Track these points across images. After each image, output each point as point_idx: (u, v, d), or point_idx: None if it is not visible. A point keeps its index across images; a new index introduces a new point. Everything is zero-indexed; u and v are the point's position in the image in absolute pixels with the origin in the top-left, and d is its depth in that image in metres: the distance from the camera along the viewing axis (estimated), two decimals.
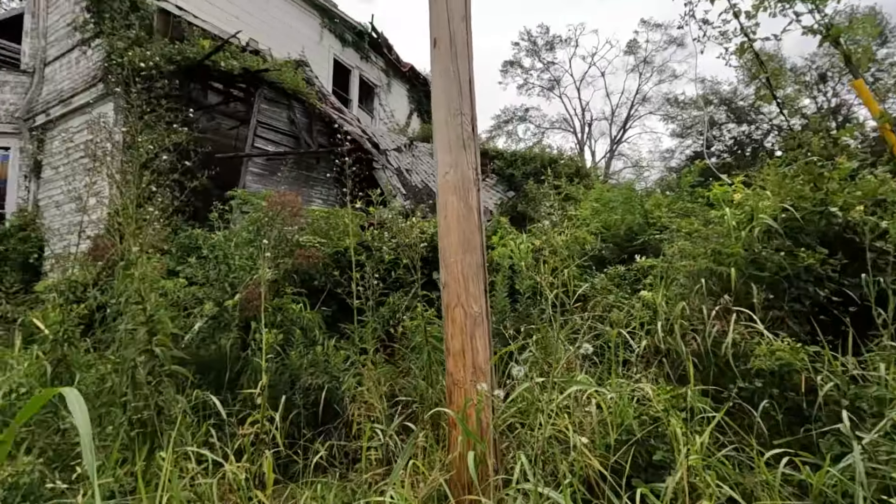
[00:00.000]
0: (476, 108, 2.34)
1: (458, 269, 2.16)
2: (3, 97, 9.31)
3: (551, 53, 36.49)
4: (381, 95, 14.40)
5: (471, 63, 2.36)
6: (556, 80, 36.85)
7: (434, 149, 2.38)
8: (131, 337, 2.29)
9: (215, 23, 9.53)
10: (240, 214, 7.78)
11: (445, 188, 2.25)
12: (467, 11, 2.37)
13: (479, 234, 2.21)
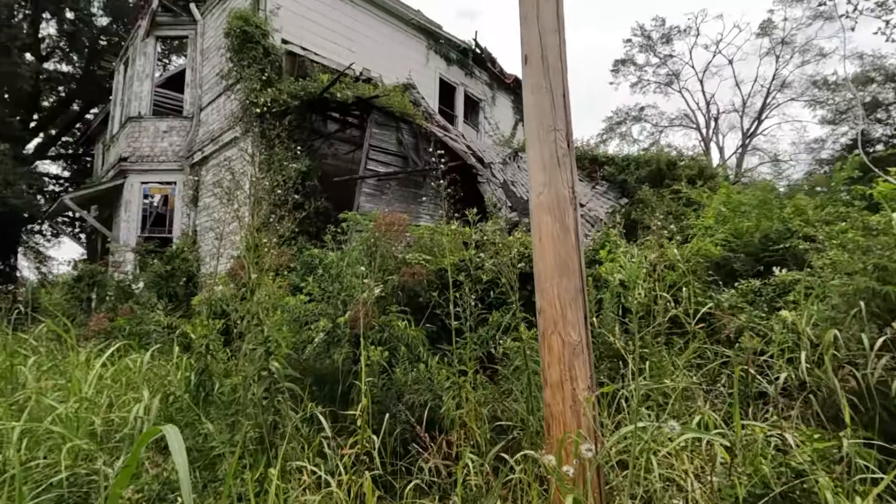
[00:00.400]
0: (571, 123, 2.22)
1: (553, 293, 2.04)
2: (172, 140, 11.13)
3: (668, 46, 33.92)
4: (485, 109, 14.54)
5: (564, 77, 2.24)
6: (675, 73, 34.10)
7: (528, 165, 2.30)
8: (251, 356, 2.53)
9: (333, 57, 10.43)
10: (354, 234, 8.36)
11: (539, 208, 2.15)
12: (559, 24, 2.26)
13: (577, 256, 2.07)
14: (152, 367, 4.29)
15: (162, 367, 4.59)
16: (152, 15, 11.48)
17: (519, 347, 3.07)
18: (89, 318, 8.47)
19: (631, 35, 33.98)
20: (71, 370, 3.55)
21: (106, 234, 11.48)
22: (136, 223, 10.90)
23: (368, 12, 11.27)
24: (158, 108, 12.27)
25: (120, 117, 12.53)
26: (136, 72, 11.65)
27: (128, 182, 11.01)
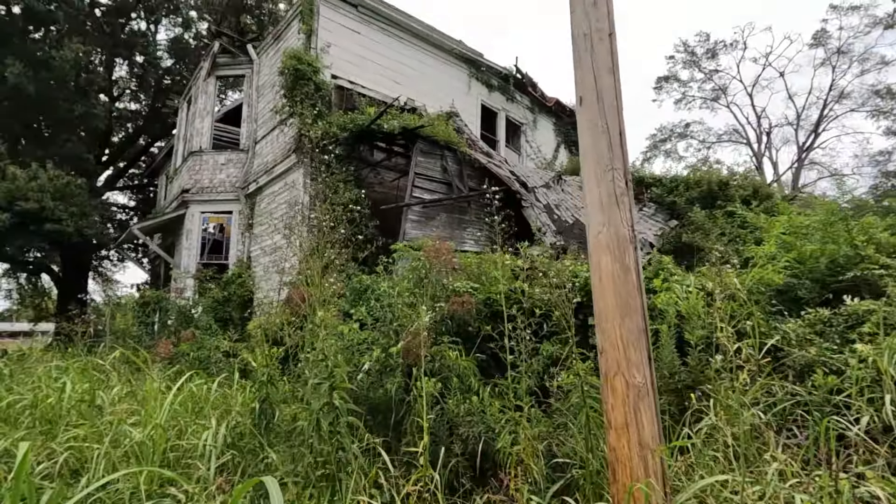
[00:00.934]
0: (628, 161, 2.22)
1: (615, 334, 2.03)
2: (229, 171, 11.80)
3: (713, 61, 33.16)
4: (527, 132, 14.61)
5: (621, 116, 2.26)
6: (722, 88, 33.22)
7: (585, 204, 2.31)
8: (316, 390, 2.63)
9: (379, 89, 10.84)
10: (402, 262, 8.51)
11: (598, 247, 2.15)
12: (614, 63, 2.29)
13: (639, 296, 2.05)
14: (215, 393, 4.48)
15: (223, 393, 4.79)
16: (213, 57, 12.35)
17: (575, 383, 3.02)
18: (153, 341, 8.98)
19: (674, 51, 33.44)
20: (146, 396, 3.77)
21: (168, 261, 12.21)
22: (196, 250, 11.53)
23: (413, 45, 11.67)
24: (216, 141, 13.06)
25: (183, 151, 13.42)
26: (197, 109, 12.50)
27: (189, 212, 11.71)
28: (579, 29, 2.37)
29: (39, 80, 15.02)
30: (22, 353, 7.74)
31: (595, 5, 2.34)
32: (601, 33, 2.32)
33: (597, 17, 2.33)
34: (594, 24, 2.32)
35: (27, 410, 4.21)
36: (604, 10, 2.34)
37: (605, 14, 2.34)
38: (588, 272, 4.84)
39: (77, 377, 5.34)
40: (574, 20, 2.42)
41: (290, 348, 4.91)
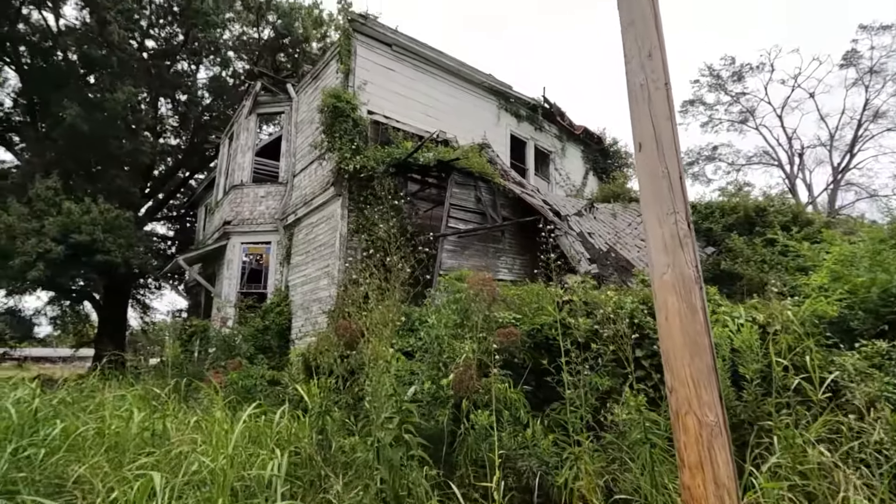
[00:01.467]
0: (688, 204, 2.32)
1: (685, 373, 2.08)
2: (268, 203, 12.27)
3: (740, 84, 33.02)
4: (555, 160, 14.78)
5: (679, 160, 2.37)
6: (750, 110, 32.95)
7: (647, 246, 2.40)
8: (386, 423, 2.73)
9: (412, 122, 11.22)
10: (442, 293, 8.64)
11: (663, 288, 2.23)
12: (671, 111, 2.41)
13: (707, 335, 2.11)
14: (265, 421, 4.61)
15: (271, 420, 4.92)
16: (255, 96, 13.02)
17: (634, 418, 3.04)
18: (197, 369, 9.26)
19: (699, 76, 33.45)
20: (210, 426, 3.93)
21: (210, 290, 12.64)
22: (236, 280, 11.94)
23: (444, 80, 12.08)
24: (255, 175, 13.63)
25: (224, 185, 14.03)
26: (239, 145, 13.12)
27: (230, 243, 12.17)
28: (635, 79, 2.51)
29: (93, 121, 16.04)
30: (78, 379, 8.06)
31: (650, 58, 2.48)
32: (657, 83, 2.45)
33: (652, 68, 2.46)
34: (650, 76, 2.46)
35: (94, 439, 4.42)
36: (659, 63, 2.47)
37: (660, 66, 2.47)
38: (633, 304, 4.86)
39: (135, 404, 5.58)
40: (629, 71, 2.56)
41: (340, 377, 5.04)
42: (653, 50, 2.49)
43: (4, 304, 17.45)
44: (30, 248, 12.43)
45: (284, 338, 10.70)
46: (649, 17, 2.53)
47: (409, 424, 2.89)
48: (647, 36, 2.51)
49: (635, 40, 2.55)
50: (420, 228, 10.04)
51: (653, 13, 2.54)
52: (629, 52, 2.57)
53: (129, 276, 20.31)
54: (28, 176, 15.69)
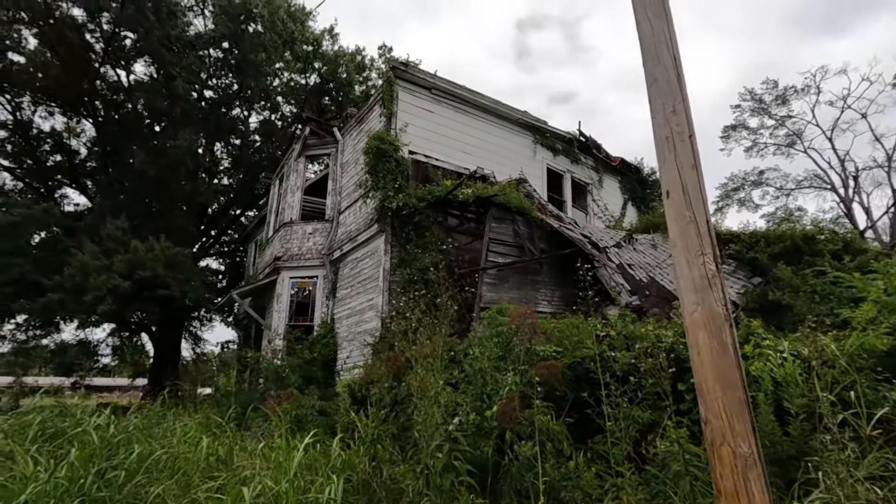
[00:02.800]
0: (717, 246, 2.49)
1: (718, 406, 2.22)
2: (315, 240, 12.93)
3: (785, 107, 32.26)
4: (593, 192, 14.89)
5: (706, 206, 2.56)
6: (797, 133, 32.01)
7: (678, 287, 2.57)
8: (436, 453, 2.95)
9: (451, 160, 11.70)
10: (485, 326, 8.83)
11: (694, 325, 2.39)
12: (696, 160, 2.62)
13: (738, 370, 2.25)
14: (322, 451, 4.88)
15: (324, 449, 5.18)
16: (304, 140, 13.93)
17: (673, 450, 3.12)
18: (249, 398, 9.70)
19: (739, 100, 32.94)
20: (271, 452, 4.24)
21: (261, 323, 13.29)
22: (285, 313, 12.52)
23: (480, 118, 12.59)
24: (302, 212, 14.41)
25: (274, 223, 14.89)
26: (289, 185, 13.98)
27: (280, 277, 12.84)
28: (661, 131, 2.74)
29: (158, 165, 17.51)
30: (141, 407, 8.64)
31: (675, 112, 2.71)
32: (682, 136, 2.67)
33: (677, 122, 2.70)
34: (675, 129, 2.69)
35: (166, 462, 4.81)
36: (682, 117, 2.71)
37: (683, 120, 2.70)
38: (674, 337, 4.91)
39: (197, 431, 6.00)
40: (656, 123, 2.80)
41: (388, 408, 5.28)
42: (676, 105, 2.73)
43: (77, 336, 18.80)
44: (100, 283, 13.53)
45: (330, 369, 11.07)
46: (672, 76, 2.79)
47: (458, 453, 3.09)
48: (671, 93, 2.76)
49: (660, 96, 2.80)
50: (460, 261, 10.33)
51: (675, 72, 2.80)
52: (654, 106, 2.82)
53: (184, 308, 21.50)
54: (99, 217, 17.18)
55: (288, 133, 26.06)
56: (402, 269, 9.56)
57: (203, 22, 21.76)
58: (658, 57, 2.84)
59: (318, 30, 23.50)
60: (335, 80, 23.43)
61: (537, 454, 3.76)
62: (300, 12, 22.63)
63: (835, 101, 30.14)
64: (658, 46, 2.85)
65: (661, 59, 2.83)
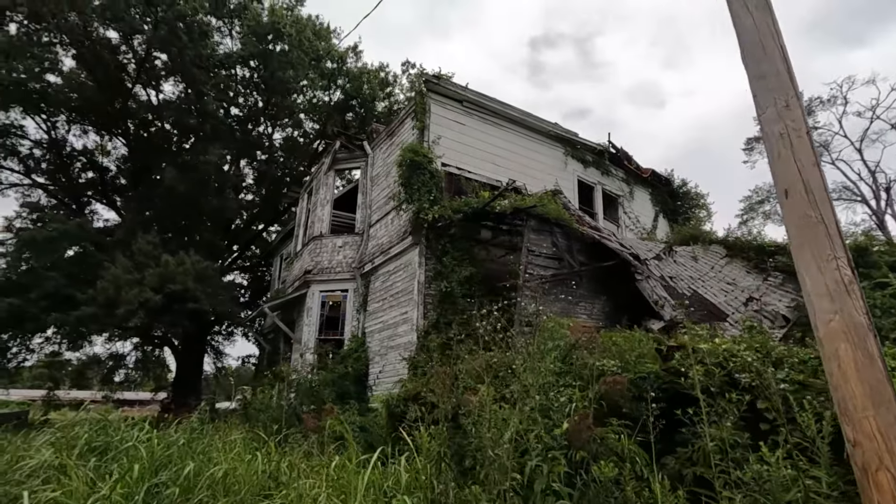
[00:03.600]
0: (849, 252, 2.29)
1: (870, 426, 2.00)
2: (345, 253, 12.88)
3: (810, 118, 31.76)
4: (624, 204, 14.64)
5: (832, 205, 2.37)
6: (823, 145, 31.43)
7: (805, 294, 2.37)
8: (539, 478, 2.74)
9: (482, 172, 11.60)
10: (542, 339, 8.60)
11: (831, 336, 2.18)
12: (816, 158, 2.44)
13: (889, 384, 2.03)
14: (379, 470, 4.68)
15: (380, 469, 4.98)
16: (334, 153, 14.00)
17: (792, 475, 2.86)
18: (279, 413, 9.54)
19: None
20: (336, 472, 4.06)
21: (291, 336, 13.21)
22: (315, 327, 12.43)
23: (511, 130, 12.51)
24: (331, 226, 14.41)
25: (303, 237, 14.92)
26: (318, 199, 14.01)
27: (310, 291, 12.79)
28: (773, 128, 2.57)
29: (187, 181, 17.76)
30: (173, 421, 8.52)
31: (788, 108, 2.54)
32: (798, 132, 2.49)
33: (792, 118, 2.52)
34: (790, 125, 2.51)
35: (215, 479, 4.65)
36: (797, 112, 2.53)
37: (799, 115, 2.53)
38: (746, 351, 4.65)
39: (243, 447, 5.85)
40: (765, 120, 2.63)
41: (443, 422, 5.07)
42: (790, 100, 2.55)
43: (108, 350, 18.96)
44: (132, 297, 13.63)
45: (362, 383, 10.90)
46: (782, 70, 2.62)
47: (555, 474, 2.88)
48: (782, 88, 2.59)
49: (769, 92, 2.62)
50: (494, 273, 10.14)
51: (785, 66, 2.63)
52: (763, 102, 2.65)
53: (208, 323, 21.61)
54: (129, 232, 17.43)
55: (310, 150, 26.35)
56: (438, 281, 9.40)
57: (230, 42, 22.29)
58: (764, 50, 2.68)
59: (342, 47, 23.87)
60: (359, 96, 23.69)
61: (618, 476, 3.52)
62: (325, 31, 23.04)
63: (863, 111, 29.57)
64: (763, 40, 2.69)
65: (767, 52, 2.67)
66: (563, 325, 5.51)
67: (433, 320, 9.20)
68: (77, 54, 18.79)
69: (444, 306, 9.06)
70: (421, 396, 7.38)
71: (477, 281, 9.15)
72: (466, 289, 8.83)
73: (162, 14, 17.21)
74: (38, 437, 6.18)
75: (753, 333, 5.20)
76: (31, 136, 21.10)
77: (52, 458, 4.95)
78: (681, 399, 4.94)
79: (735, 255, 10.36)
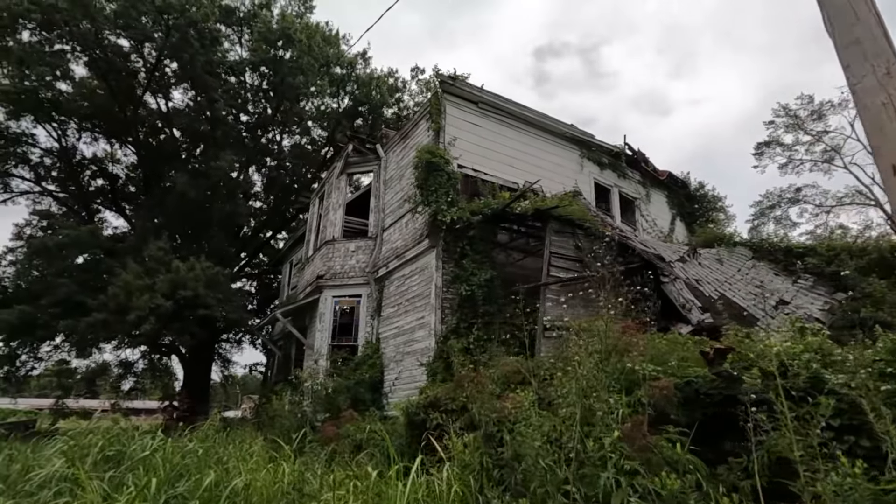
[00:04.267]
0: None
1: None
2: (358, 258, 12.65)
3: (821, 123, 31.49)
4: (640, 207, 14.36)
5: None
6: (835, 149, 31.10)
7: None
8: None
9: (498, 174, 11.37)
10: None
11: None
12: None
13: None
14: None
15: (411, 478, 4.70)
16: (346, 157, 13.83)
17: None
18: (293, 421, 9.26)
19: (773, 116, 32.25)
20: (373, 486, 3.79)
21: (303, 342, 12.96)
22: (328, 332, 12.17)
23: (527, 132, 12.30)
24: (343, 230, 14.20)
25: (315, 242, 14.72)
26: (331, 203, 13.82)
27: (322, 296, 12.55)
28: (872, 98, 2.31)
29: (198, 187, 17.65)
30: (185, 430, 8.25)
31: (890, 75, 2.28)
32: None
33: (894, 86, 2.26)
34: (893, 94, 2.25)
35: (236, 491, 4.37)
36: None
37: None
38: (805, 353, 4.34)
39: (262, 457, 5.58)
40: (860, 90, 2.38)
41: (474, 429, 4.79)
42: (891, 67, 2.30)
43: (117, 358, 18.77)
44: (143, 303, 13.44)
45: (377, 390, 10.61)
46: (878, 34, 2.37)
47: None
48: (881, 53, 2.34)
49: (864, 60, 2.37)
50: (513, 277, 9.87)
51: (881, 30, 2.38)
52: (857, 71, 2.39)
53: (217, 330, 21.38)
54: (140, 239, 17.31)
55: (319, 157, 26.24)
56: (457, 285, 9.13)
57: (240, 50, 22.29)
58: (856, 15, 2.42)
59: (351, 54, 23.84)
60: (368, 102, 23.61)
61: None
62: (334, 37, 23.02)
63: None
64: (854, 4, 2.44)
65: (860, 17, 2.42)
66: (604, 326, 5.22)
67: (452, 325, 8.91)
68: (89, 61, 18.82)
69: (465, 310, 8.77)
70: (442, 403, 7.09)
71: (498, 284, 8.87)
72: (487, 292, 8.55)
73: (173, 21, 17.20)
74: (48, 446, 5.94)
75: (807, 334, 4.89)
76: (42, 145, 21.15)
77: (64, 469, 4.70)
78: (730, 405, 4.64)
79: (762, 258, 10.05)
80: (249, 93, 22.66)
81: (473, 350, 8.16)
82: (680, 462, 3.75)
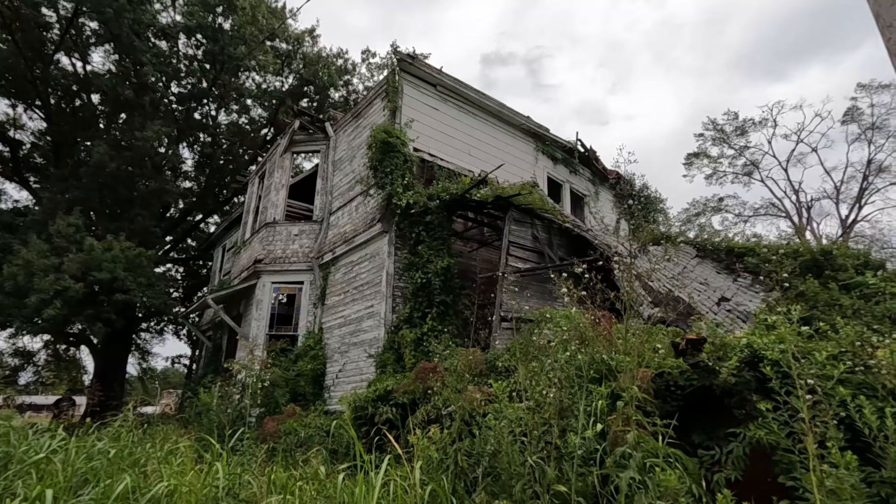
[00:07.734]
0: None
1: None
2: (302, 242, 11.82)
3: (743, 138, 34.03)
4: (590, 204, 14.56)
5: None
6: (754, 163, 33.74)
7: None
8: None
9: (455, 161, 11.01)
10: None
11: None
12: None
13: None
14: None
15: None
16: (292, 134, 12.89)
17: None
18: (224, 417, 8.42)
19: (703, 129, 34.39)
20: (332, 488, 3.27)
21: (237, 331, 11.93)
22: (265, 321, 11.27)
23: (485, 121, 12.03)
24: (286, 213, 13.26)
25: (253, 224, 13.65)
26: (273, 182, 12.84)
27: (260, 282, 11.61)
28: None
29: (120, 158, 15.85)
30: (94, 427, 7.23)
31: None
32: None
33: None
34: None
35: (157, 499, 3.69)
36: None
37: None
38: (766, 344, 4.30)
39: (188, 457, 4.86)
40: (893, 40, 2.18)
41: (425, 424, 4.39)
42: None
43: (14, 346, 16.51)
44: (47, 284, 11.80)
45: (319, 383, 9.93)
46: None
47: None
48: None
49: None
50: (466, 267, 9.56)
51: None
52: (886, 16, 2.20)
53: (135, 318, 19.44)
54: (49, 213, 15.28)
55: (258, 138, 24.62)
56: (411, 272, 8.66)
57: (172, 13, 20.31)
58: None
59: (298, 29, 22.53)
60: (315, 82, 22.41)
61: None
62: (280, 11, 21.61)
63: (789, 134, 31.95)
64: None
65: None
66: (570, 317, 4.99)
67: (405, 314, 8.44)
68: None
69: (419, 299, 8.33)
70: (393, 396, 6.63)
71: (455, 273, 8.50)
72: (444, 280, 8.16)
73: None
74: None
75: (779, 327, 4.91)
76: None
77: None
78: (700, 397, 4.57)
79: (706, 256, 10.40)
80: (183, 62, 20.76)
81: (427, 340, 7.74)
82: (660, 455, 3.56)
